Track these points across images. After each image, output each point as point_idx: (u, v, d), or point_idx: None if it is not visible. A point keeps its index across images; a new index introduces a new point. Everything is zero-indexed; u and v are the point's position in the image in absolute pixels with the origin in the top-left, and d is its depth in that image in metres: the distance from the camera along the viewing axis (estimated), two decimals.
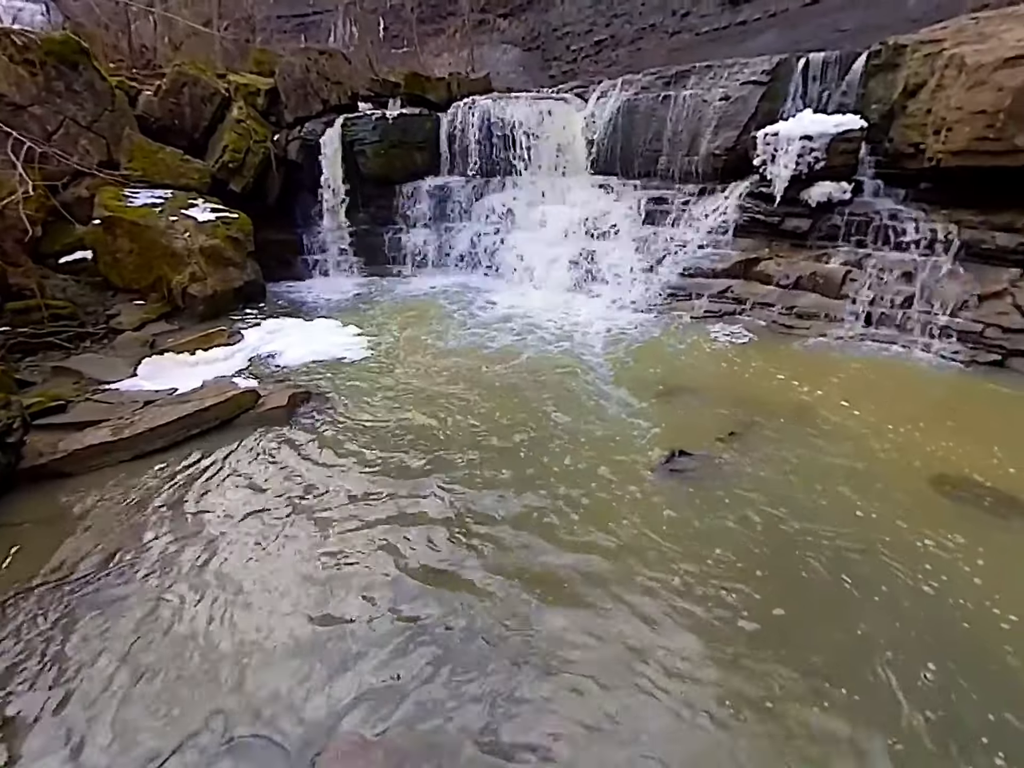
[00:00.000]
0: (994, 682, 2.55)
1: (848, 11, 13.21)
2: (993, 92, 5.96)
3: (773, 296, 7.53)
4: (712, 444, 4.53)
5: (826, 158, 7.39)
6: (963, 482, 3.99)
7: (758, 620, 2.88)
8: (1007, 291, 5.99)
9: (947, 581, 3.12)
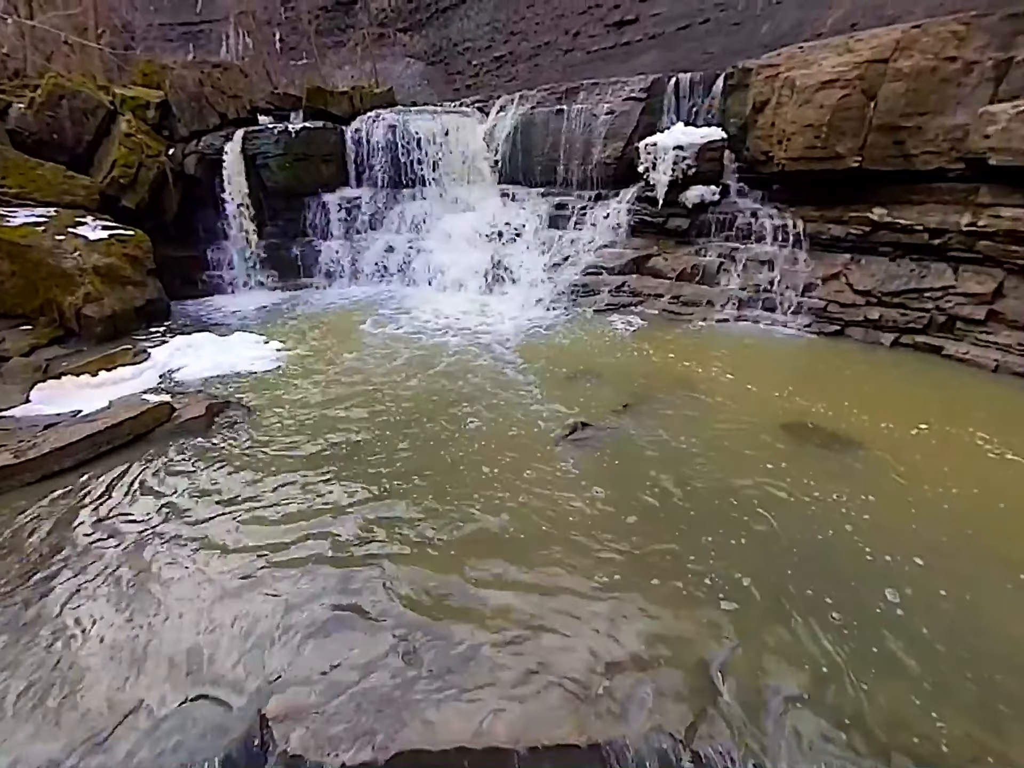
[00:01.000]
0: (819, 554, 3.25)
1: (713, 36, 14.87)
2: (817, 109, 7.16)
3: (663, 288, 8.43)
4: (609, 416, 5.13)
5: (696, 165, 8.42)
6: (803, 427, 4.85)
7: (638, 535, 3.44)
8: (841, 273, 7.19)
9: (788, 494, 3.88)
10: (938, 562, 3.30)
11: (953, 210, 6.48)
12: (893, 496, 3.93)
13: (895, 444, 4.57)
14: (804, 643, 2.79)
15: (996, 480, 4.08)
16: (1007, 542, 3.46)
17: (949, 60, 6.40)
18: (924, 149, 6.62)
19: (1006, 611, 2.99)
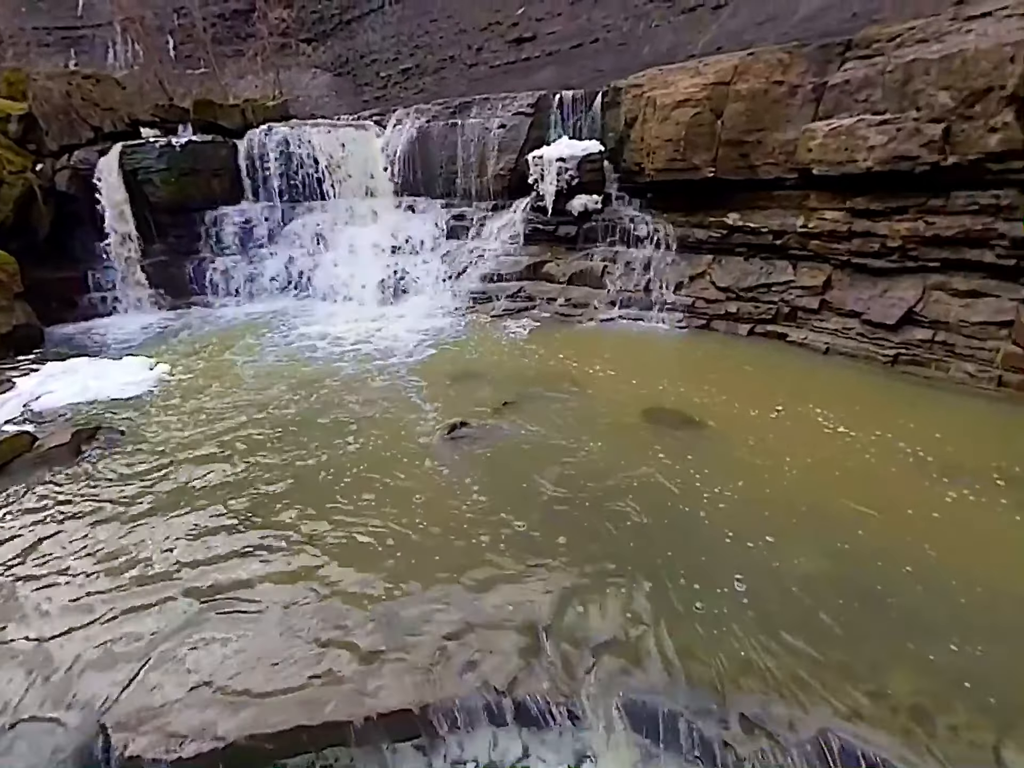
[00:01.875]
0: (669, 516, 3.68)
1: (603, 55, 15.84)
2: (675, 125, 7.91)
3: (555, 291, 8.93)
4: (490, 414, 5.44)
5: (579, 176, 9.02)
6: (663, 412, 5.39)
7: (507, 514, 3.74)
8: (706, 272, 7.97)
9: (642, 469, 4.34)
10: (770, 525, 3.84)
11: (791, 214, 7.38)
12: (736, 466, 4.45)
13: (743, 423, 5.17)
14: (634, 602, 3.17)
15: (829, 450, 4.68)
16: (835, 500, 4.05)
17: (777, 84, 7.30)
18: (765, 161, 7.48)
19: (820, 558, 3.52)
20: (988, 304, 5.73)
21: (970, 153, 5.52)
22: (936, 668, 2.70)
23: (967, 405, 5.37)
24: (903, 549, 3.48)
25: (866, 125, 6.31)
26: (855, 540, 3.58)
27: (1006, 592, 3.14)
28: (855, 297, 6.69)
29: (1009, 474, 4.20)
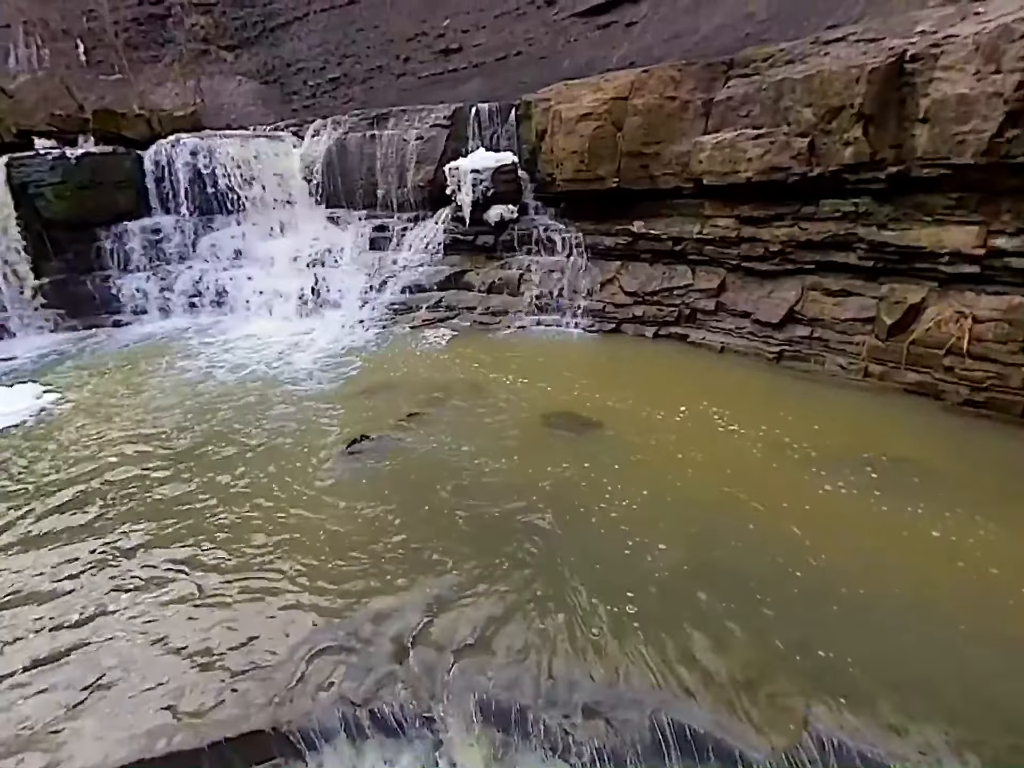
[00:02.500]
0: (557, 520, 3.81)
1: (527, 67, 16.20)
2: (579, 138, 8.21)
3: (475, 300, 9.05)
4: (394, 426, 5.46)
5: (494, 186, 9.19)
6: (564, 415, 5.57)
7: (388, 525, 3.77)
8: (615, 278, 8.29)
9: (536, 474, 4.46)
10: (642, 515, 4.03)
11: (688, 221, 7.79)
12: (629, 467, 4.64)
13: (641, 424, 5.40)
14: (506, 605, 3.27)
15: (721, 448, 4.93)
16: (722, 497, 4.29)
17: (670, 99, 7.72)
18: (663, 171, 7.87)
19: (698, 552, 3.73)
20: (855, 302, 6.26)
21: (831, 165, 6.03)
22: (771, 645, 2.94)
23: (840, 396, 5.83)
24: (781, 540, 3.70)
25: (745, 139, 6.78)
26: (742, 535, 3.77)
27: (850, 571, 3.44)
28: (746, 298, 7.14)
29: (877, 465, 4.54)
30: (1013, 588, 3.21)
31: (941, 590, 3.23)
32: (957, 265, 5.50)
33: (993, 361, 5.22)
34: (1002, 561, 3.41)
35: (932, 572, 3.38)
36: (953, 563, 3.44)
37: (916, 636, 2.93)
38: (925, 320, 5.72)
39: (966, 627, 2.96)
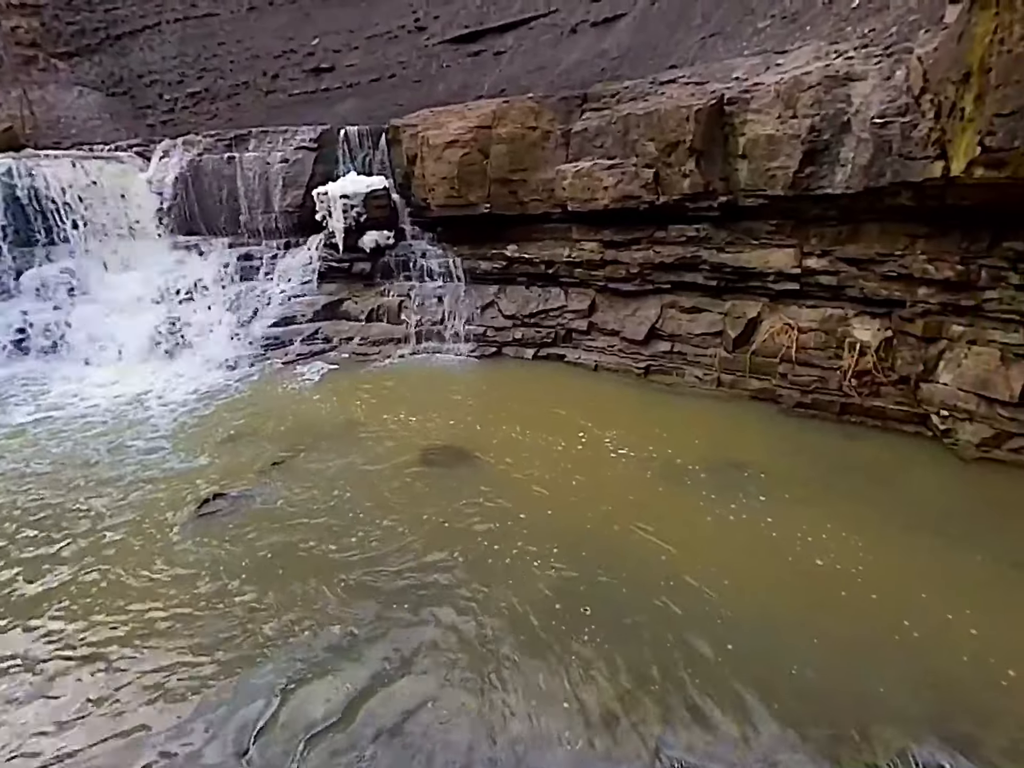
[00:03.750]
0: (419, 573, 3.62)
1: (401, 89, 16.13)
2: (448, 164, 8.24)
3: (354, 330, 8.69)
4: (255, 479, 5.00)
5: (366, 212, 8.93)
6: (438, 448, 5.45)
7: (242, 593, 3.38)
8: (494, 302, 8.39)
9: (402, 521, 4.27)
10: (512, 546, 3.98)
11: (559, 245, 8.09)
12: (502, 499, 4.60)
13: (516, 451, 5.41)
14: (364, 672, 3.04)
15: (597, 468, 5.07)
16: (593, 519, 4.35)
17: (532, 129, 8.01)
18: (531, 198, 8.12)
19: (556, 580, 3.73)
20: (705, 317, 6.84)
21: (674, 194, 6.57)
22: (634, 671, 3.01)
23: (698, 406, 6.31)
24: (650, 559, 3.83)
25: (601, 168, 7.19)
26: (611, 558, 3.85)
27: (702, 581, 3.64)
28: (614, 317, 7.54)
29: (726, 470, 4.92)
30: (840, 584, 3.57)
31: (783, 593, 3.52)
32: (781, 282, 6.21)
33: (815, 366, 5.93)
34: (827, 555, 3.81)
35: (772, 574, 3.69)
36: (786, 561, 3.79)
37: (762, 640, 3.15)
38: (762, 332, 6.39)
39: (803, 626, 3.23)
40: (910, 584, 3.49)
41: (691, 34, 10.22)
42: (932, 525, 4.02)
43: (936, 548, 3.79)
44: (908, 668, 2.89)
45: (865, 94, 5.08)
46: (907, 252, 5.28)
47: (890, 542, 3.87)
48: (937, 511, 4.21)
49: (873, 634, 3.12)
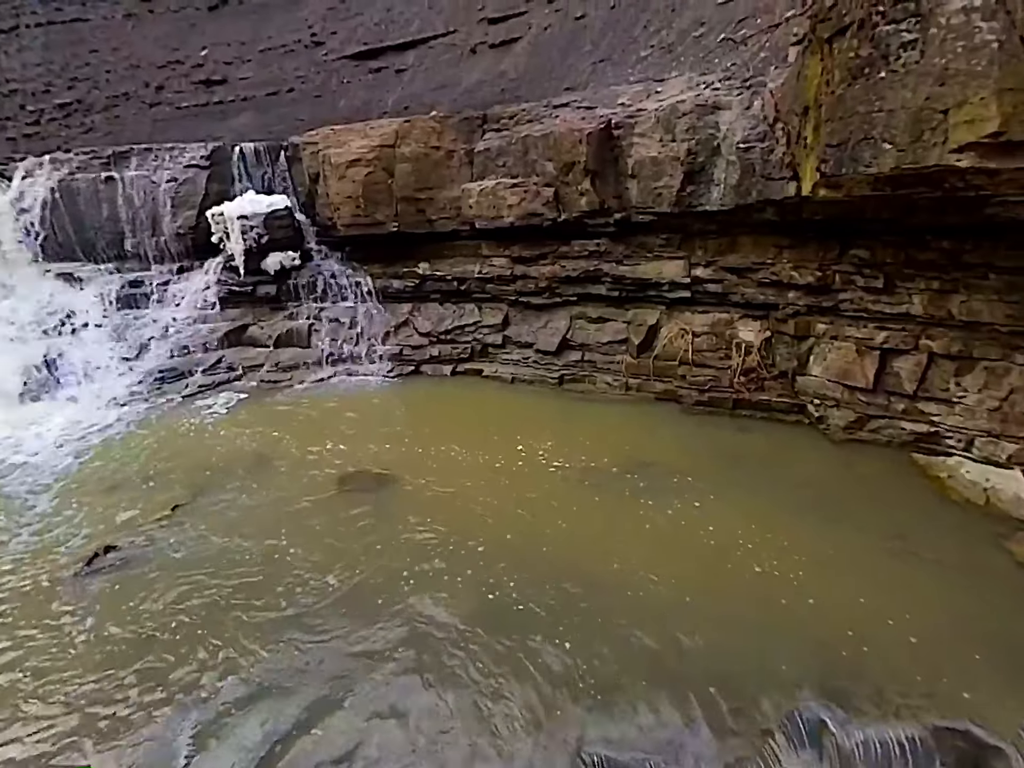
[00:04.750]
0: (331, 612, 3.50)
1: (301, 104, 15.64)
2: (352, 183, 8.13)
3: (262, 357, 8.27)
4: (151, 527, 4.61)
5: (268, 232, 8.56)
6: (358, 475, 5.33)
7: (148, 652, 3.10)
8: (409, 320, 8.34)
9: (328, 549, 4.12)
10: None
11: (470, 261, 8.21)
12: (420, 521, 4.56)
13: (439, 468, 5.39)
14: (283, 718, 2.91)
15: (514, 479, 5.15)
16: (508, 528, 4.40)
17: (435, 148, 8.09)
18: (440, 215, 8.18)
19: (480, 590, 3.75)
20: (611, 327, 7.23)
21: (573, 211, 6.91)
22: (553, 676, 3.11)
23: (609, 411, 6.64)
24: (566, 563, 3.97)
25: (504, 187, 7.41)
26: (527, 567, 3.95)
27: (615, 577, 3.83)
28: (527, 330, 7.76)
29: (634, 470, 5.21)
30: (733, 565, 3.91)
31: (681, 578, 3.79)
32: (675, 291, 6.72)
33: (709, 367, 6.46)
34: (722, 540, 4.16)
35: (680, 564, 3.96)
36: (685, 548, 4.09)
37: (662, 625, 3.37)
38: (662, 338, 6.86)
39: (700, 610, 3.50)
40: (796, 561, 3.89)
41: (582, 59, 10.81)
42: (811, 505, 4.51)
43: (815, 526, 4.25)
44: (795, 638, 3.23)
45: (730, 121, 5.66)
46: (776, 261, 5.91)
47: (777, 523, 4.29)
48: (815, 492, 4.73)
49: (764, 610, 3.45)
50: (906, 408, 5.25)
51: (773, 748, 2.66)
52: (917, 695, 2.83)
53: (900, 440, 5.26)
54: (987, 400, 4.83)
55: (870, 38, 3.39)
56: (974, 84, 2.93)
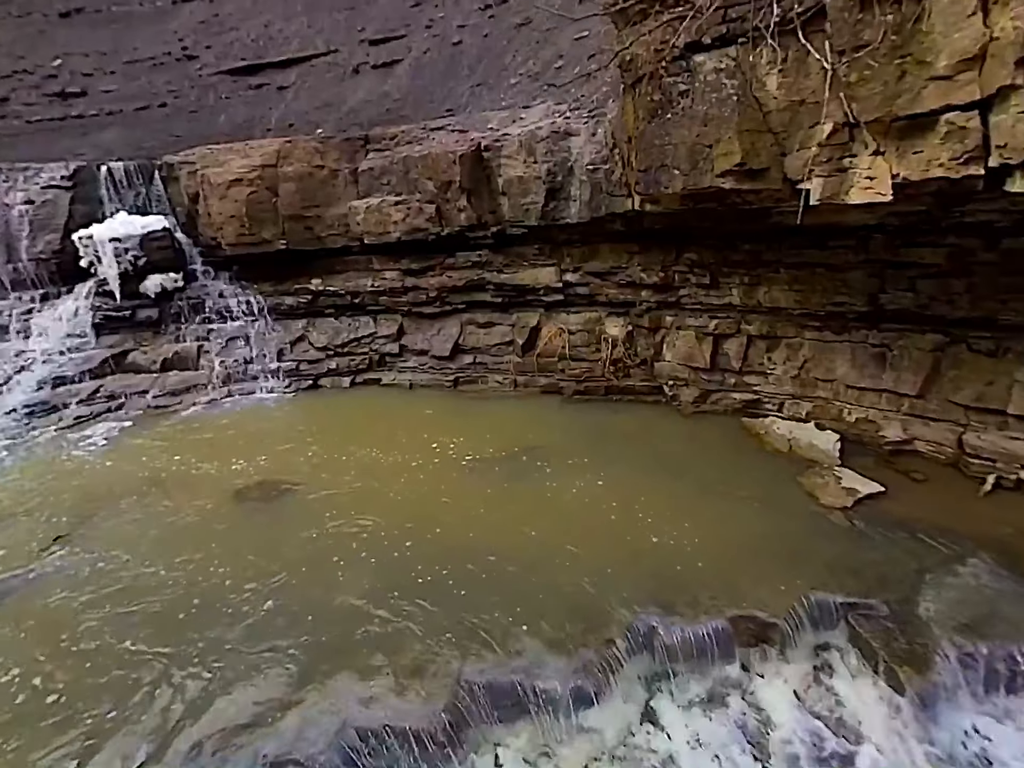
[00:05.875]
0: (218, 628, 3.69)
1: (176, 120, 14.98)
2: (234, 202, 8.13)
3: (147, 382, 7.98)
4: (30, 558, 4.47)
5: (145, 255, 8.29)
6: (256, 486, 5.47)
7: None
8: (304, 336, 8.46)
9: (225, 558, 4.26)
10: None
11: (362, 276, 8.51)
12: (317, 525, 4.81)
13: (337, 473, 5.63)
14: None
15: (411, 474, 5.51)
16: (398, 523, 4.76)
17: (319, 168, 8.32)
18: (329, 232, 8.40)
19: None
20: (498, 330, 7.88)
21: (454, 226, 7.48)
22: (440, 632, 3.57)
23: (500, 406, 7.26)
24: (459, 540, 4.42)
25: (389, 204, 7.83)
26: (422, 549, 4.35)
27: (495, 542, 4.36)
28: (422, 338, 8.21)
29: (523, 454, 5.80)
30: (597, 520, 4.60)
31: (556, 535, 4.40)
32: (551, 295, 7.50)
33: (584, 360, 7.30)
34: (590, 503, 4.86)
35: (550, 522, 4.57)
36: (559, 512, 4.74)
37: (538, 576, 3.95)
38: (543, 337, 7.62)
39: (564, 557, 4.13)
40: (644, 511, 4.66)
41: (461, 83, 11.53)
42: (662, 467, 5.36)
43: (664, 482, 5.08)
44: (637, 569, 3.95)
45: (580, 146, 6.53)
46: (629, 265, 6.87)
47: (633, 483, 5.07)
48: (666, 456, 5.61)
49: (614, 551, 4.14)
50: (735, 382, 6.38)
51: (616, 653, 3.32)
52: (722, 597, 3.63)
53: (733, 408, 6.37)
54: (790, 370, 6.03)
55: (659, 87, 4.27)
56: (724, 126, 3.86)
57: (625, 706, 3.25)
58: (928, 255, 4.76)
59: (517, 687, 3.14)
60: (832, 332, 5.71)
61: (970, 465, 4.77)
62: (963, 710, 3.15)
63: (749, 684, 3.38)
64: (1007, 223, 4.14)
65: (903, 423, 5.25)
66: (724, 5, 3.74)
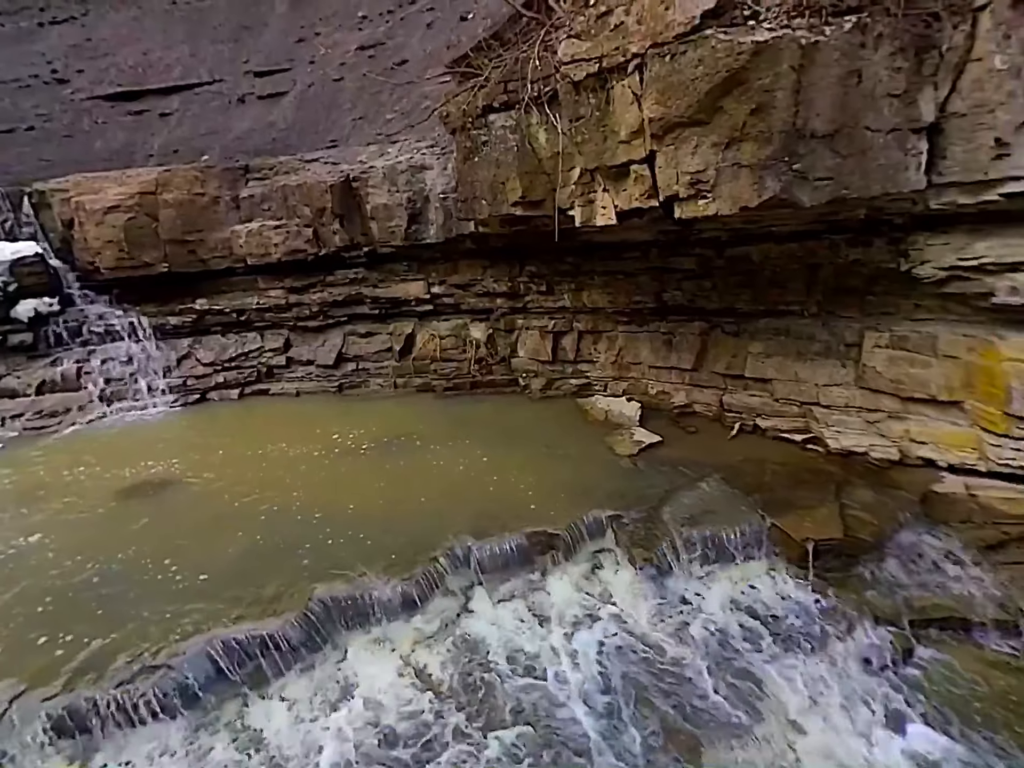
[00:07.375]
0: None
1: (46, 144, 14.55)
2: (112, 228, 8.46)
3: (21, 406, 8.01)
4: None
5: (16, 280, 8.34)
6: (139, 486, 5.94)
7: None
8: (190, 353, 8.87)
9: (106, 536, 4.75)
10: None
11: (247, 295, 9.07)
12: (199, 506, 5.41)
13: (219, 467, 6.20)
14: None
15: (292, 463, 6.18)
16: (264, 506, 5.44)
17: (200, 195, 8.85)
18: (213, 255, 8.91)
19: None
20: (377, 339, 8.80)
21: (331, 247, 8.35)
22: (297, 571, 4.37)
23: (380, 405, 8.14)
24: (324, 507, 5.21)
25: (269, 228, 8.54)
26: (290, 519, 5.10)
27: (350, 508, 5.22)
28: (307, 350, 8.92)
29: (396, 441, 6.70)
30: (446, 484, 5.61)
31: (410, 499, 5.34)
32: (421, 306, 8.56)
33: (453, 361, 8.40)
34: (445, 473, 5.87)
35: (410, 491, 5.50)
36: (418, 483, 5.70)
37: (391, 527, 4.87)
38: (418, 343, 8.64)
39: (415, 510, 5.09)
40: (487, 473, 5.72)
41: (343, 116, 12.47)
42: (509, 441, 6.49)
43: (508, 451, 6.20)
44: (465, 511, 4.94)
45: (433, 178, 7.70)
46: (484, 277, 8.09)
47: (484, 455, 6.13)
48: (514, 433, 6.78)
49: (456, 503, 5.15)
50: (572, 370, 7.76)
51: (438, 567, 4.33)
52: (527, 523, 4.77)
53: (571, 391, 7.73)
54: (610, 357, 7.49)
55: (468, 137, 5.51)
56: (511, 168, 5.14)
57: (446, 606, 4.25)
58: (686, 262, 6.36)
59: (358, 599, 4.04)
60: (636, 325, 7.23)
61: (725, 418, 6.37)
62: (685, 577, 4.48)
63: (544, 583, 4.52)
64: (726, 237, 5.77)
65: (686, 391, 6.81)
66: (504, 80, 5.04)
